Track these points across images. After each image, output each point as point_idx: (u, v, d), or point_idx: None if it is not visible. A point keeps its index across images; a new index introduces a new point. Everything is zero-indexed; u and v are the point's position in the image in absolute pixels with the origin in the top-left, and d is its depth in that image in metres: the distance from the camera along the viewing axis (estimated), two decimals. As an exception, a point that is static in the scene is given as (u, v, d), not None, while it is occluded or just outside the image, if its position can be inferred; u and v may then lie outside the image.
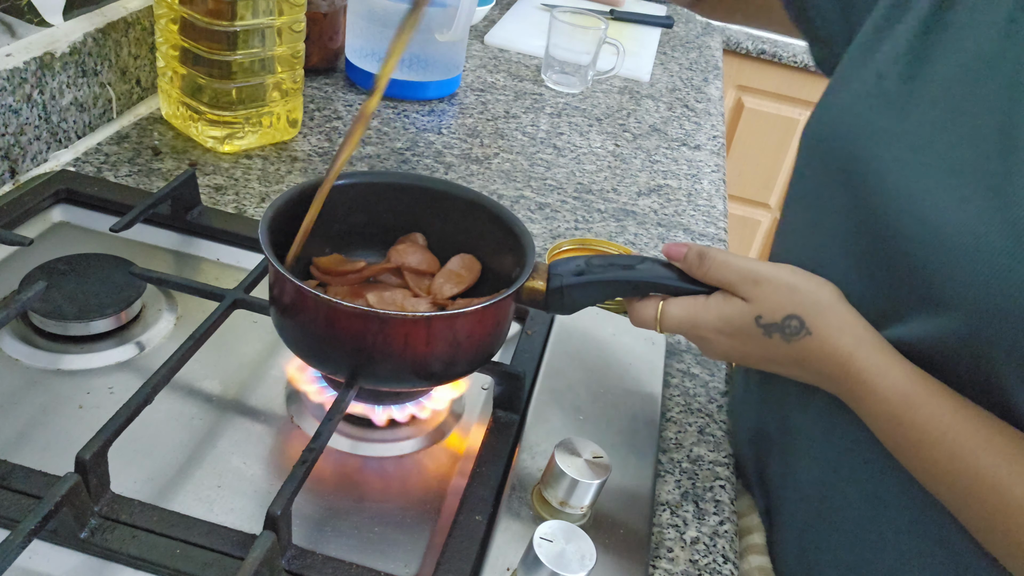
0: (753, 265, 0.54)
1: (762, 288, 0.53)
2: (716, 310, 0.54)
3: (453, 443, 0.61)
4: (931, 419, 0.47)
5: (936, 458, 0.47)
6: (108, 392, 0.59)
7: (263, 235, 0.54)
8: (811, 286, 0.53)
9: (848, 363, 0.50)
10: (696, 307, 0.55)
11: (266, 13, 0.84)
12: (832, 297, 0.52)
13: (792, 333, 0.52)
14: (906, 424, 0.48)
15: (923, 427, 0.48)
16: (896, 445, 0.50)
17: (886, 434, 0.50)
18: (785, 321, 0.52)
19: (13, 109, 0.74)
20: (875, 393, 0.49)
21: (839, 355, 0.51)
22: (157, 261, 0.73)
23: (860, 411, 0.51)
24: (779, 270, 0.53)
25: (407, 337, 0.52)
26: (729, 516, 0.59)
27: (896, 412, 0.49)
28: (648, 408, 0.64)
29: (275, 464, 0.56)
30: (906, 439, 0.49)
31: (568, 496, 0.52)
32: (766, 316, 0.52)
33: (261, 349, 0.65)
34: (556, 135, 1.09)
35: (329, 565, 0.48)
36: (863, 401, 0.50)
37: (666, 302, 0.56)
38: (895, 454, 0.51)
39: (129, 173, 0.82)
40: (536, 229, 0.87)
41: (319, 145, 0.95)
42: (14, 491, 0.49)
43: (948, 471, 0.47)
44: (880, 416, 0.50)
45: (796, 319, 0.52)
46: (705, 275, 0.55)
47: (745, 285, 0.53)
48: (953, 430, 0.47)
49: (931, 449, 0.47)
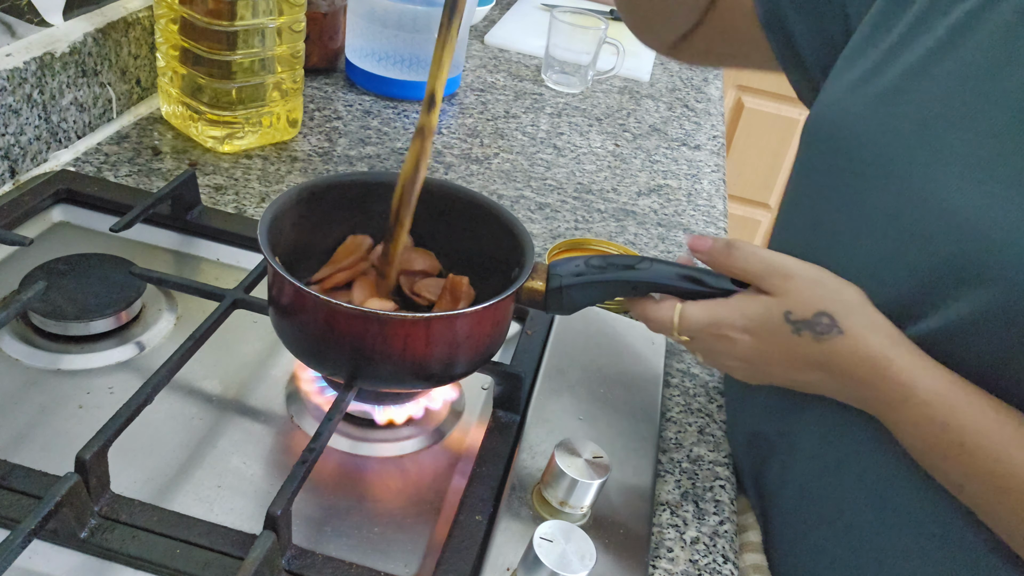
0: (782, 259, 0.52)
1: (793, 283, 0.50)
2: (740, 308, 0.52)
3: (453, 443, 0.61)
4: (974, 421, 0.46)
5: (978, 461, 0.46)
6: (108, 392, 0.59)
7: (262, 236, 0.54)
8: (840, 284, 0.51)
9: (884, 364, 0.48)
10: (718, 307, 0.53)
11: (266, 13, 0.84)
12: (861, 297, 0.51)
13: (823, 331, 0.49)
14: (950, 427, 0.46)
15: (966, 429, 0.46)
16: (933, 449, 0.48)
17: (924, 439, 0.48)
18: (816, 318, 0.49)
19: (13, 109, 0.74)
20: (915, 395, 0.47)
21: (874, 355, 0.48)
22: (157, 261, 0.73)
23: (894, 416, 0.49)
24: (808, 267, 0.51)
25: (407, 338, 0.52)
26: (729, 516, 0.59)
27: (938, 415, 0.47)
28: (648, 408, 0.64)
29: (275, 464, 0.56)
30: (948, 442, 0.47)
31: (568, 496, 0.52)
32: (796, 312, 0.50)
33: (261, 349, 0.65)
34: (556, 135, 1.09)
35: (329, 565, 0.48)
36: (902, 405, 0.48)
37: (684, 304, 0.54)
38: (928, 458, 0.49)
39: (129, 173, 0.82)
40: (536, 229, 0.87)
41: (319, 145, 0.95)
42: (14, 491, 0.49)
43: (990, 472, 0.46)
44: (920, 420, 0.48)
45: (827, 316, 0.49)
46: (732, 266, 0.53)
47: (774, 278, 0.51)
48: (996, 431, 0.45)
49: (973, 452, 0.46)
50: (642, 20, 0.78)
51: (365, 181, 0.63)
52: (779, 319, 0.50)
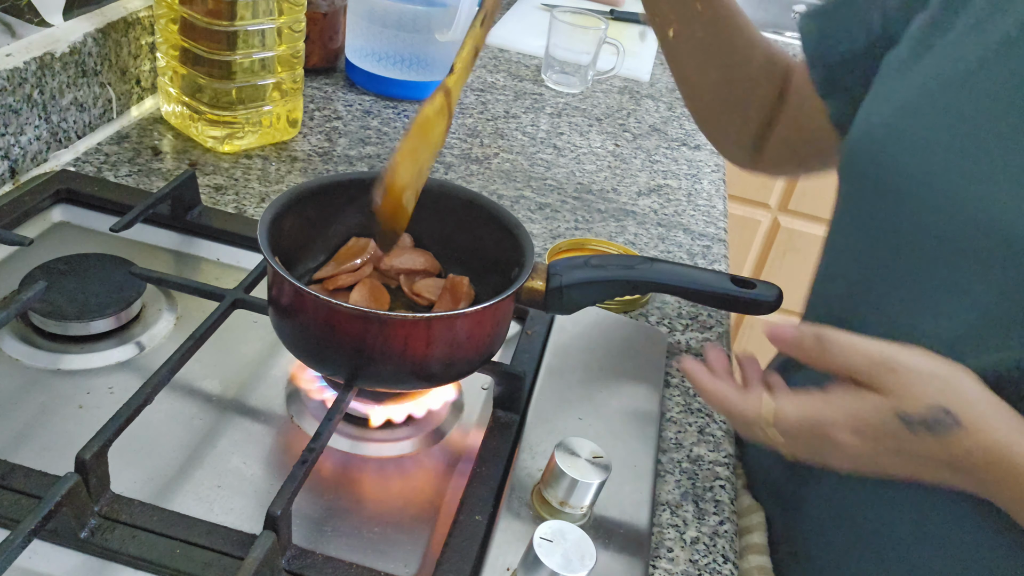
0: (885, 349, 0.46)
1: (900, 377, 0.45)
2: (844, 407, 0.46)
3: (453, 443, 0.61)
4: None
5: None
6: (108, 392, 0.59)
7: (262, 236, 0.54)
8: (952, 371, 0.46)
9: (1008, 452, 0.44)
10: (817, 404, 0.47)
11: (266, 13, 0.84)
12: (972, 380, 0.46)
13: (943, 428, 0.44)
14: None
15: None
16: None
17: None
18: (932, 413, 0.44)
19: (13, 109, 0.74)
20: None
21: (998, 447, 0.44)
22: (157, 261, 0.73)
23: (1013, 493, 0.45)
24: (914, 355, 0.46)
25: (407, 338, 0.52)
26: (729, 516, 0.59)
27: None
28: (648, 408, 0.64)
29: (275, 464, 0.56)
30: None
31: (568, 496, 0.52)
32: (910, 410, 0.45)
33: (261, 349, 0.65)
34: (556, 135, 1.09)
35: (329, 565, 0.48)
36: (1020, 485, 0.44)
37: (777, 396, 0.48)
38: None
39: (129, 173, 0.82)
40: (536, 229, 0.87)
41: (319, 145, 0.95)
42: (14, 491, 0.49)
43: None
44: None
45: (944, 411, 0.44)
46: (830, 362, 0.47)
47: (880, 374, 0.45)
48: None
49: None
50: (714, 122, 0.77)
51: (365, 181, 0.63)
52: (891, 419, 0.45)
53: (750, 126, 0.75)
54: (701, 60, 0.73)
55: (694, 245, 0.90)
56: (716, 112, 0.77)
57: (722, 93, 0.74)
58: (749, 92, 0.74)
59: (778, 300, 0.65)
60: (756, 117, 0.75)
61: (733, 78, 0.73)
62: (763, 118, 0.75)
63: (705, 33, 0.71)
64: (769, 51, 0.74)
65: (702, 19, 0.70)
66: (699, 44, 0.72)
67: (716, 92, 0.74)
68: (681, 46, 0.73)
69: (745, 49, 0.72)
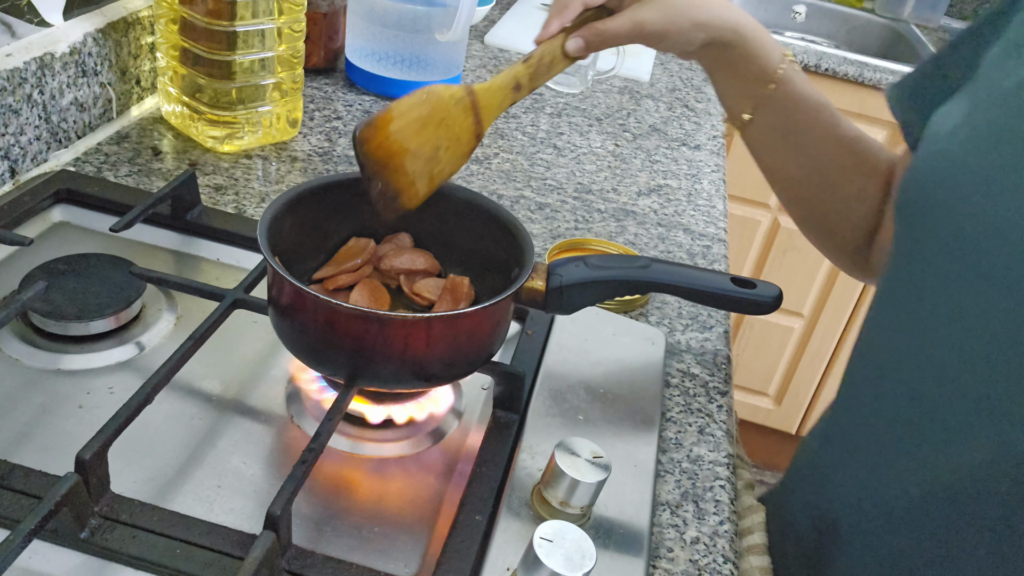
0: None
1: None
2: None
3: (453, 443, 0.61)
4: None
5: None
6: (108, 392, 0.59)
7: (262, 236, 0.54)
8: None
9: None
10: None
11: (266, 13, 0.84)
12: None
13: None
14: None
15: None
16: None
17: None
18: None
19: (13, 109, 0.74)
20: None
21: None
22: (157, 261, 0.73)
23: None
24: None
25: (407, 338, 0.52)
26: (729, 516, 0.59)
27: None
28: (648, 408, 0.64)
29: (275, 464, 0.56)
30: None
31: (568, 496, 0.52)
32: None
33: (261, 349, 0.65)
34: (556, 135, 1.09)
35: (329, 565, 0.48)
36: None
37: None
38: None
39: (129, 173, 0.82)
40: (536, 229, 0.87)
41: (319, 145, 0.95)
42: (14, 491, 0.49)
43: None
44: None
45: None
46: None
47: None
48: None
49: None
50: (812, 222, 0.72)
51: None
52: None
53: (853, 227, 0.69)
54: (782, 149, 0.69)
55: (694, 245, 0.90)
56: (812, 210, 0.71)
57: (813, 188, 0.69)
58: (844, 186, 0.68)
59: (778, 300, 0.65)
60: (858, 216, 0.69)
61: (823, 170, 0.68)
62: (866, 217, 0.68)
63: (782, 118, 0.67)
64: (865, 141, 0.68)
65: (777, 103, 0.67)
66: (779, 131, 0.68)
67: (807, 187, 0.70)
68: (760, 134, 0.69)
69: (831, 137, 0.68)
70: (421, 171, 0.57)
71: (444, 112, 0.57)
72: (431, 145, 0.57)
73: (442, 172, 0.58)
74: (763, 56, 0.66)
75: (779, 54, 0.66)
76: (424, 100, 0.56)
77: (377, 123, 0.55)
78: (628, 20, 0.62)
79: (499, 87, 0.60)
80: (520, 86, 0.61)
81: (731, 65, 0.67)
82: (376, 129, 0.55)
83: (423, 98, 0.56)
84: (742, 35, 0.65)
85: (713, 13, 0.64)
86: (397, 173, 0.56)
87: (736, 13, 0.65)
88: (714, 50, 0.66)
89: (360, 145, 0.55)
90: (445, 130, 0.57)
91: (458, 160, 0.59)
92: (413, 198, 0.58)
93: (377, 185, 0.57)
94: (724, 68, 0.68)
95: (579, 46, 0.62)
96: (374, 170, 0.56)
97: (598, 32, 0.62)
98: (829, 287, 1.90)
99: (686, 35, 0.64)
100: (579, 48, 0.62)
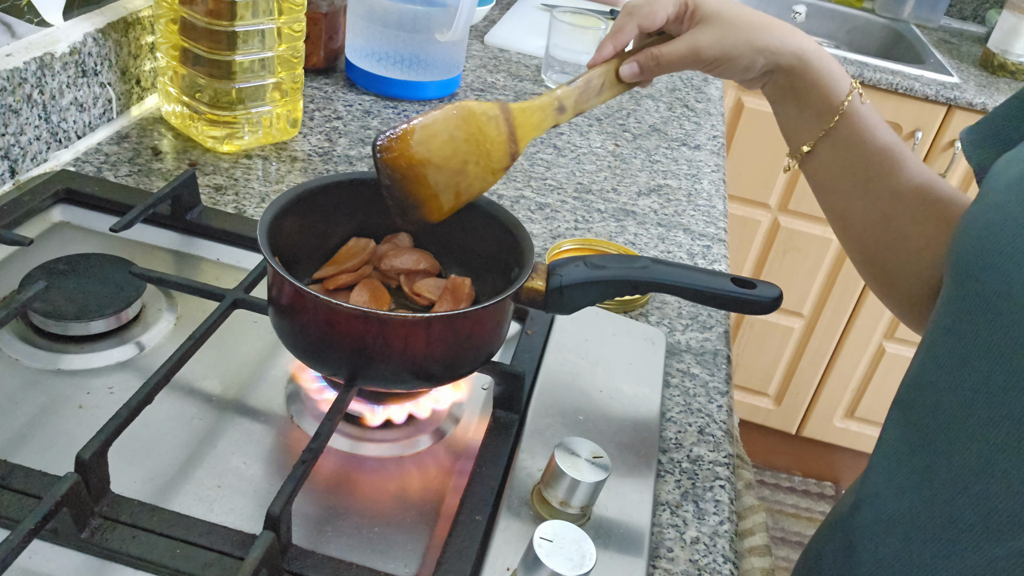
0: None
1: None
2: None
3: (453, 443, 0.61)
4: None
5: None
6: (108, 392, 0.59)
7: (262, 236, 0.54)
8: None
9: None
10: None
11: (266, 13, 0.84)
12: None
13: None
14: None
15: None
16: None
17: None
18: None
19: (13, 109, 0.74)
20: None
21: None
22: (157, 261, 0.73)
23: None
24: None
25: (407, 338, 0.52)
26: (729, 516, 0.59)
27: None
28: (648, 408, 0.64)
29: (275, 464, 0.56)
30: None
31: (568, 496, 0.52)
32: None
33: (261, 349, 0.65)
34: (556, 135, 1.09)
35: (329, 565, 0.48)
36: None
37: None
38: None
39: (129, 173, 0.82)
40: (536, 229, 0.87)
41: (319, 145, 0.95)
42: (14, 491, 0.49)
43: None
44: None
45: None
46: None
47: None
48: None
49: None
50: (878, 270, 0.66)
51: (365, 181, 0.63)
52: None
53: (916, 277, 0.63)
54: (845, 189, 0.64)
55: (694, 245, 0.90)
56: (873, 256, 0.66)
57: (876, 233, 0.64)
58: (910, 235, 0.62)
59: (778, 300, 0.64)
60: (923, 266, 0.62)
61: (888, 215, 0.63)
62: (932, 268, 0.62)
63: (845, 155, 0.63)
64: (937, 187, 0.63)
65: (841, 137, 0.63)
66: (842, 169, 0.64)
67: (869, 232, 0.64)
68: (821, 171, 0.65)
69: (900, 180, 0.62)
70: (446, 184, 0.57)
71: (474, 127, 0.57)
72: (458, 159, 0.57)
73: (470, 188, 0.58)
74: (827, 86, 0.62)
75: (847, 85, 0.62)
76: (454, 114, 0.56)
77: (399, 133, 0.55)
78: (685, 45, 0.61)
79: (539, 107, 0.60)
80: (564, 108, 0.61)
81: (793, 93, 0.63)
82: (397, 139, 0.55)
83: (452, 112, 0.56)
84: (806, 61, 0.61)
85: (775, 37, 0.61)
86: (418, 184, 0.56)
87: (800, 39, 0.62)
88: (776, 77, 0.63)
89: (379, 154, 0.55)
90: (475, 145, 0.57)
91: (488, 176, 0.58)
92: (436, 211, 0.58)
93: (394, 195, 0.57)
94: (786, 97, 0.64)
95: (633, 71, 0.61)
96: (392, 179, 0.56)
97: (654, 57, 0.61)
98: (829, 287, 1.90)
99: (746, 61, 0.61)
100: (633, 73, 0.61)
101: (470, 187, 0.58)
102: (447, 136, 0.56)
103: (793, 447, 2.13)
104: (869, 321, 1.90)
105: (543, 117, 0.60)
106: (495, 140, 0.57)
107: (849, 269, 1.86)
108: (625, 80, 0.62)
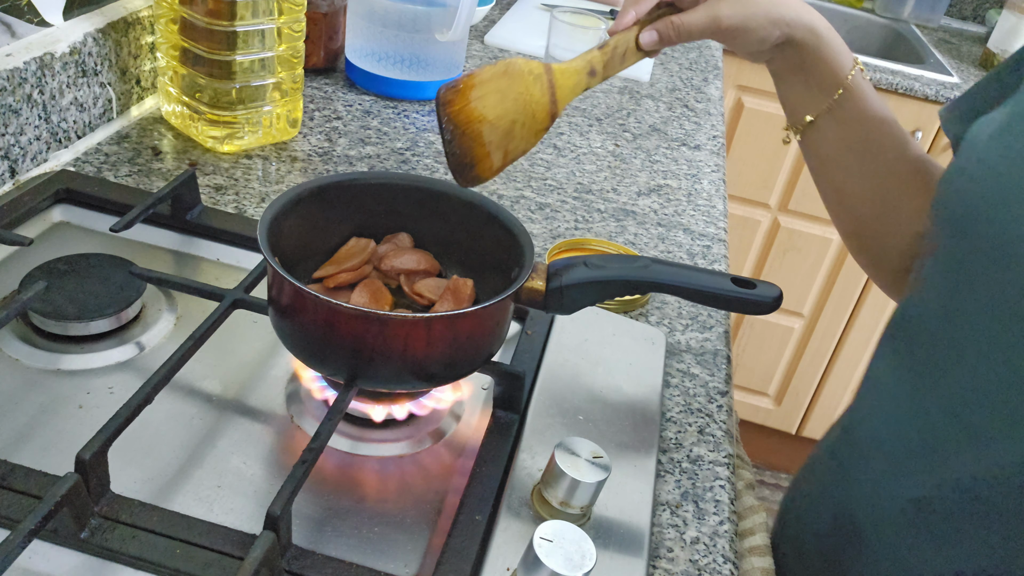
0: None
1: None
2: None
3: (453, 443, 0.61)
4: None
5: None
6: (108, 392, 0.59)
7: (262, 236, 0.54)
8: None
9: None
10: None
11: (266, 13, 0.84)
12: None
13: None
14: None
15: None
16: None
17: None
18: None
19: (13, 109, 0.74)
20: None
21: None
22: (157, 261, 0.73)
23: None
24: None
25: (407, 338, 0.52)
26: (729, 516, 0.59)
27: None
28: (648, 408, 0.64)
29: (275, 464, 0.56)
30: None
31: (568, 496, 0.52)
32: None
33: (261, 349, 0.65)
34: (556, 135, 1.09)
35: (329, 565, 0.48)
36: None
37: None
38: None
39: (129, 173, 0.82)
40: (536, 229, 0.87)
41: (319, 145, 0.95)
42: (14, 491, 0.49)
43: None
44: None
45: None
46: None
47: None
48: None
49: None
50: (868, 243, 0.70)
51: (365, 181, 0.63)
52: None
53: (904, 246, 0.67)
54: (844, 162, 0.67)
55: (694, 245, 0.90)
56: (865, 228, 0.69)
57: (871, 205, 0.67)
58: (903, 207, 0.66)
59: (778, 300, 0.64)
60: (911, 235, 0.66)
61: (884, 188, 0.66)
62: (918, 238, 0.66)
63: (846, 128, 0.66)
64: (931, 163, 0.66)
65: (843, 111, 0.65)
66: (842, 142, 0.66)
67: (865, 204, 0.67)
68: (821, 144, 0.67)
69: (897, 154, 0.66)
70: (498, 143, 0.57)
71: (523, 86, 0.57)
72: (508, 119, 0.57)
73: (516, 148, 0.58)
74: (834, 60, 0.64)
75: (850, 60, 0.64)
76: (504, 72, 0.56)
77: (461, 87, 0.55)
78: (705, 14, 0.62)
79: (575, 70, 0.59)
80: (595, 72, 0.60)
81: (801, 67, 0.65)
82: (458, 92, 0.55)
83: (503, 70, 0.56)
84: (818, 35, 0.63)
85: (791, 10, 0.63)
86: (475, 142, 0.56)
87: (813, 13, 0.64)
88: (787, 50, 0.64)
89: (443, 107, 0.55)
90: (522, 105, 0.57)
91: (532, 137, 0.58)
92: (488, 170, 0.58)
93: (454, 149, 0.56)
94: (793, 70, 0.66)
95: (653, 39, 0.62)
96: (454, 134, 0.56)
97: (674, 26, 0.62)
98: (829, 287, 1.90)
99: (763, 32, 0.62)
100: (653, 41, 0.62)
101: (516, 148, 0.58)
102: (500, 95, 0.56)
103: (793, 447, 2.13)
104: (869, 321, 1.90)
105: (578, 80, 0.60)
106: (539, 101, 0.57)
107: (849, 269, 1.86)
108: (644, 48, 0.62)
